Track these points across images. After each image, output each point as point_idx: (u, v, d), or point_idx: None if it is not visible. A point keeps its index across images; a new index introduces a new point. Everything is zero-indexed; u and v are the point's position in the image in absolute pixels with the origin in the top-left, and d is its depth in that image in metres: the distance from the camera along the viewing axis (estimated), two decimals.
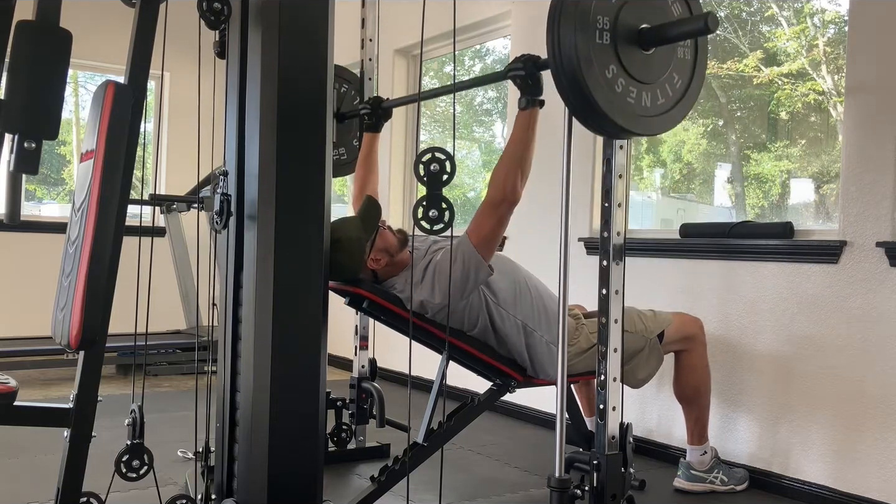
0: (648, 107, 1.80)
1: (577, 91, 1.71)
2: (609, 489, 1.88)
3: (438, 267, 2.44)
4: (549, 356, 2.53)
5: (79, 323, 1.75)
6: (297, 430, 1.99)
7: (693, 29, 1.77)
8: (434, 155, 1.80)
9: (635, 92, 1.77)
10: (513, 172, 2.27)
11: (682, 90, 1.87)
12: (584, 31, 1.69)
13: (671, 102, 1.84)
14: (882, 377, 2.64)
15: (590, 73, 1.69)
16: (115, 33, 4.90)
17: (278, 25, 1.96)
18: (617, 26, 1.74)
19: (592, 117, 1.76)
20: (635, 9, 1.77)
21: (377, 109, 2.94)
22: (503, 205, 2.30)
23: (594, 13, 1.70)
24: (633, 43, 1.76)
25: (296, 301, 1.98)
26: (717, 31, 3.61)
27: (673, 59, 1.84)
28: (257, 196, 2.00)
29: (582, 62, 1.68)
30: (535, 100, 2.18)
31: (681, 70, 1.86)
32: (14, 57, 1.74)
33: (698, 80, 1.89)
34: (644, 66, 1.79)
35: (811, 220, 3.23)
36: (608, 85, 1.72)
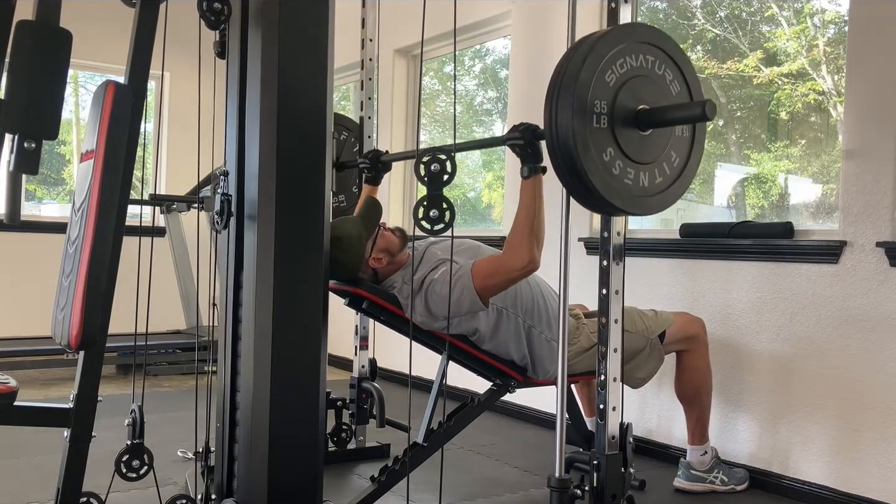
0: (646, 187, 1.77)
1: (575, 175, 1.69)
2: (609, 489, 1.88)
3: (436, 290, 2.42)
4: (549, 353, 2.53)
5: (79, 323, 1.75)
6: (297, 430, 1.99)
7: (690, 115, 1.75)
8: (434, 155, 1.80)
9: (633, 173, 1.75)
10: (528, 244, 2.26)
11: (680, 168, 1.84)
12: (582, 116, 1.66)
13: (669, 181, 1.82)
14: (882, 377, 2.64)
15: (587, 158, 1.66)
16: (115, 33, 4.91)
17: (278, 25, 1.96)
18: (615, 109, 1.71)
19: (589, 199, 1.75)
20: (633, 90, 1.74)
21: (376, 163, 2.92)
22: (519, 273, 2.32)
23: (591, 97, 1.68)
24: (631, 125, 1.73)
25: (296, 301, 1.98)
26: (717, 31, 3.62)
27: (671, 138, 1.81)
28: (257, 196, 2.00)
29: (579, 147, 1.65)
30: (537, 167, 2.17)
31: (679, 148, 1.83)
32: (14, 57, 1.74)
33: (696, 156, 1.86)
34: (642, 146, 1.76)
35: (811, 220, 3.23)
36: (605, 168, 1.70)
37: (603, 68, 1.69)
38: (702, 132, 1.88)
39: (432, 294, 2.42)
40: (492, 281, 2.36)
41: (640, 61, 1.75)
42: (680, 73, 1.83)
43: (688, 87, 1.84)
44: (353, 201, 3.27)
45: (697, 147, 1.86)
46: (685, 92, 1.84)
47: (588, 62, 1.67)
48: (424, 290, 2.44)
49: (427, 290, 2.44)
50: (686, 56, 1.85)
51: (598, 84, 1.69)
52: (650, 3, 3.88)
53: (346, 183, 3.30)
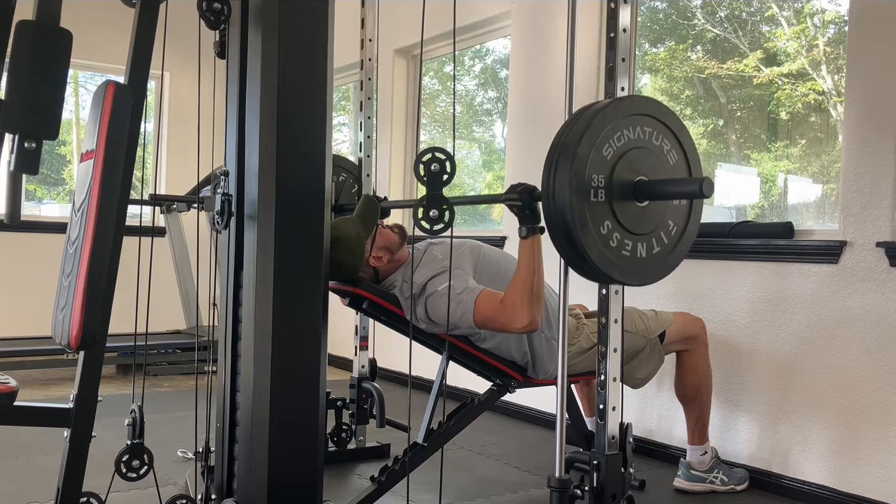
0: (644, 257, 1.77)
1: (572, 248, 1.69)
2: (609, 489, 1.88)
3: (437, 301, 2.43)
4: (549, 351, 2.53)
5: (79, 323, 1.75)
6: (297, 430, 1.99)
7: (688, 191, 1.75)
8: (434, 155, 1.80)
9: (631, 244, 1.75)
10: (528, 304, 2.27)
11: (678, 236, 1.83)
12: (579, 191, 1.66)
13: (668, 249, 1.81)
14: (882, 377, 2.64)
15: (585, 232, 1.66)
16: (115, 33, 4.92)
17: (278, 25, 1.96)
18: (612, 183, 1.71)
19: (587, 270, 1.75)
20: (630, 162, 1.73)
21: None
22: (517, 331, 2.34)
23: (589, 172, 1.67)
24: (629, 197, 1.73)
25: (296, 301, 1.98)
26: (717, 31, 3.62)
27: (668, 207, 1.81)
28: (257, 196, 2.00)
29: (577, 222, 1.65)
30: (535, 228, 2.16)
31: (676, 217, 1.83)
32: (14, 57, 1.74)
33: (694, 223, 1.86)
34: (639, 217, 1.76)
35: (811, 220, 3.23)
36: (603, 242, 1.70)
37: (600, 143, 1.69)
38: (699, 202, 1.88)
39: (433, 304, 2.43)
40: (490, 325, 2.38)
41: (637, 133, 1.75)
42: (677, 143, 1.82)
43: (685, 156, 1.84)
44: None
45: (695, 215, 1.86)
46: (682, 161, 1.84)
47: (585, 137, 1.67)
48: (425, 296, 2.44)
49: (428, 298, 2.44)
50: (683, 125, 1.84)
51: (595, 158, 1.68)
52: (650, 3, 3.88)
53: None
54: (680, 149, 1.83)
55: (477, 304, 2.36)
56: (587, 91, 3.61)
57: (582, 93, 3.57)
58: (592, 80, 3.63)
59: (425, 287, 2.45)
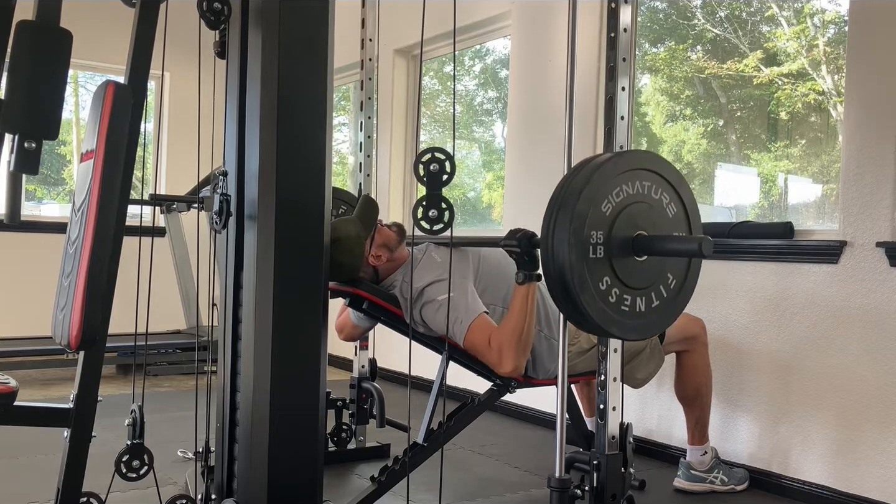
0: (643, 311, 1.77)
1: (571, 305, 1.68)
2: (609, 489, 1.88)
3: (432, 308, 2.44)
4: (549, 351, 2.53)
5: (79, 323, 1.75)
6: (297, 430, 1.99)
7: (687, 250, 1.74)
8: (434, 155, 1.80)
9: (630, 299, 1.74)
10: (515, 351, 2.30)
11: (678, 289, 1.83)
12: (579, 248, 1.65)
13: (667, 302, 1.81)
14: (882, 377, 2.64)
15: (583, 289, 1.66)
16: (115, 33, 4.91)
17: (278, 25, 1.96)
18: (611, 239, 1.70)
19: (586, 326, 1.75)
20: (629, 217, 1.73)
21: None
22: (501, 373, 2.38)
23: (588, 229, 1.67)
24: (628, 252, 1.73)
25: (296, 301, 1.98)
26: (717, 31, 3.62)
27: (667, 261, 1.81)
28: (257, 196, 2.00)
29: (576, 280, 1.64)
30: (533, 275, 2.14)
31: (675, 270, 1.83)
32: (14, 57, 1.74)
33: (693, 276, 1.86)
34: (638, 272, 1.75)
35: (811, 220, 3.23)
36: (602, 297, 1.69)
37: (599, 199, 1.68)
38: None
39: (429, 312, 2.44)
40: (476, 355, 2.42)
41: (636, 188, 1.74)
42: (677, 196, 1.82)
43: (685, 209, 1.84)
44: None
45: (694, 267, 1.86)
46: (682, 213, 1.83)
47: (584, 195, 1.66)
48: (422, 302, 2.45)
49: (424, 305, 2.45)
50: (683, 178, 1.84)
51: (594, 215, 1.68)
52: (650, 3, 3.88)
53: None
54: (679, 201, 1.82)
55: (470, 331, 2.38)
56: (587, 91, 3.60)
57: (582, 93, 3.57)
58: (592, 80, 3.63)
59: (423, 292, 2.45)
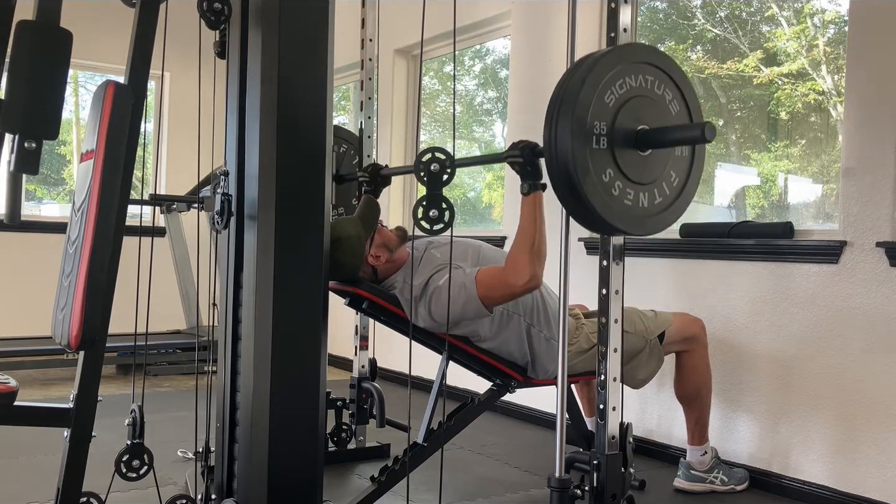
0: (646, 207, 1.77)
1: (574, 196, 1.69)
2: (609, 489, 1.88)
3: (439, 296, 2.42)
4: (549, 352, 2.53)
5: (79, 323, 1.75)
6: (297, 430, 1.99)
7: (690, 136, 1.75)
8: (434, 155, 1.80)
9: (633, 193, 1.75)
10: (529, 260, 2.27)
11: (680, 188, 1.84)
12: (581, 137, 1.66)
13: (669, 201, 1.82)
14: (882, 377, 2.64)
15: (587, 180, 1.66)
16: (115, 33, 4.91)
17: (278, 26, 1.96)
18: (614, 130, 1.70)
19: (589, 219, 1.75)
20: (632, 110, 1.73)
21: (375, 177, 2.90)
22: (521, 289, 2.32)
23: (591, 118, 1.67)
24: (631, 145, 1.73)
25: (296, 301, 1.98)
26: (717, 31, 3.62)
27: (670, 158, 1.81)
28: (257, 196, 2.00)
29: (579, 169, 1.65)
30: (537, 184, 2.17)
31: (678, 168, 1.83)
32: (14, 57, 1.74)
33: (696, 176, 1.86)
34: (641, 166, 1.76)
35: (811, 220, 3.23)
36: (605, 189, 1.70)
37: (602, 89, 1.69)
38: (701, 151, 1.88)
39: (435, 302, 2.42)
40: (494, 293, 2.37)
41: (639, 81, 1.75)
42: (679, 93, 1.82)
43: (687, 107, 1.84)
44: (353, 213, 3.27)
45: (697, 166, 1.86)
46: (684, 111, 1.84)
47: (587, 83, 1.66)
48: (428, 296, 2.44)
49: (431, 296, 2.43)
50: (685, 75, 1.84)
51: (597, 105, 1.68)
52: (650, 3, 3.88)
53: (346, 196, 3.29)
54: (682, 99, 1.83)
55: (478, 278, 2.37)
56: None
57: None
58: None
59: (426, 285, 2.45)
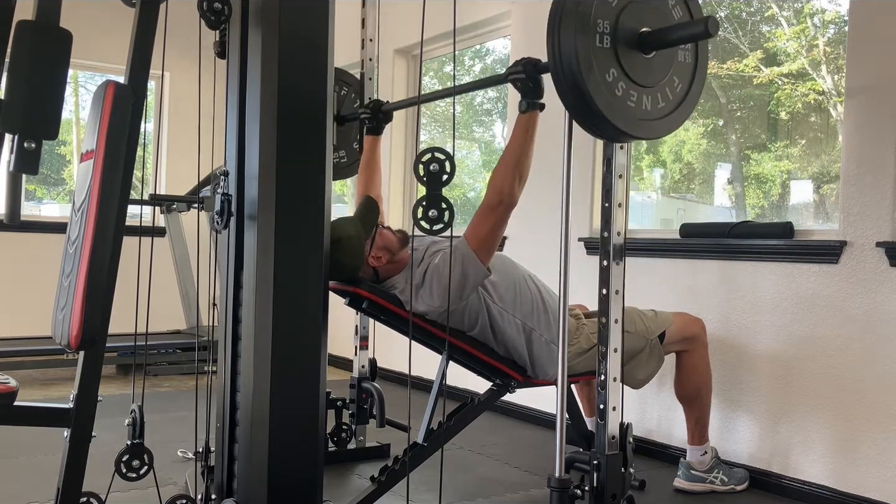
0: (649, 110, 1.79)
1: (578, 95, 1.71)
2: (609, 489, 1.88)
3: (437, 270, 2.44)
4: (548, 355, 2.52)
5: (79, 323, 1.75)
6: (297, 430, 1.99)
7: (693, 33, 1.76)
8: (434, 155, 1.80)
9: (636, 96, 1.77)
10: (510, 176, 2.26)
11: (683, 93, 1.86)
12: (585, 35, 1.68)
13: (672, 106, 1.84)
14: (882, 377, 2.64)
15: (590, 78, 1.68)
16: (115, 33, 4.92)
17: (278, 26, 1.96)
18: (617, 30, 1.73)
19: (593, 121, 1.76)
20: (636, 12, 1.76)
21: (377, 113, 2.94)
22: (500, 207, 2.30)
23: (594, 17, 1.70)
24: (634, 46, 1.76)
25: (296, 301, 1.98)
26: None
27: (674, 63, 1.83)
28: (257, 196, 2.00)
29: (582, 66, 1.67)
30: (536, 103, 2.17)
31: (681, 73, 1.86)
32: (14, 57, 1.74)
33: (699, 83, 1.89)
34: (644, 69, 1.78)
35: (811, 220, 3.23)
36: (608, 89, 1.71)
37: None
38: (704, 59, 1.90)
39: (436, 278, 2.42)
40: (481, 230, 2.33)
41: None
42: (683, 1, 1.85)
43: (689, 12, 1.86)
44: (354, 157, 3.27)
45: (700, 73, 1.88)
46: (687, 16, 1.86)
47: None
48: (427, 279, 2.44)
49: (430, 277, 2.44)
50: None
51: (600, 4, 1.71)
52: None
53: (347, 138, 3.29)
54: (684, 5, 1.85)
55: (465, 235, 2.36)
56: None
57: None
58: None
59: (425, 272, 2.46)
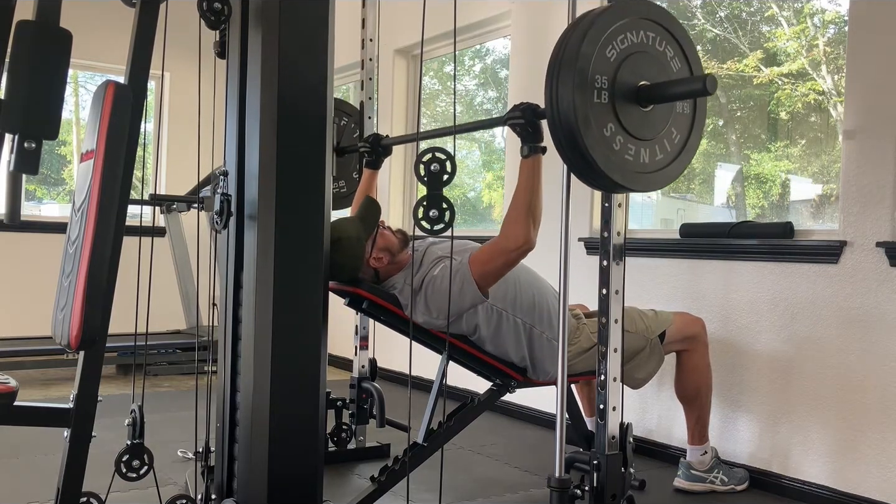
0: (647, 163, 1.77)
1: (576, 150, 1.69)
2: (609, 489, 1.88)
3: (434, 284, 2.43)
4: (550, 352, 2.52)
5: (79, 323, 1.75)
6: (297, 430, 1.99)
7: (691, 90, 1.75)
8: (434, 155, 1.81)
9: (634, 149, 1.75)
10: (525, 222, 2.25)
11: (681, 145, 1.84)
12: (583, 91, 1.66)
13: (670, 157, 1.81)
14: (882, 377, 2.64)
15: (588, 133, 1.66)
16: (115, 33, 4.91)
17: (278, 25, 1.96)
18: (615, 84, 1.71)
19: (590, 175, 1.74)
20: (634, 65, 1.74)
21: (377, 147, 2.91)
22: (515, 252, 2.30)
23: (593, 72, 1.67)
24: (632, 100, 1.73)
25: (296, 301, 1.98)
26: (717, 31, 3.62)
27: (672, 115, 1.81)
28: (257, 196, 2.00)
29: (580, 122, 1.65)
30: (537, 147, 2.15)
31: (680, 125, 1.83)
32: (14, 57, 1.74)
33: (697, 133, 1.86)
34: (643, 122, 1.76)
35: (811, 220, 3.23)
36: (606, 144, 1.69)
37: (604, 43, 1.69)
38: (702, 109, 1.88)
39: (432, 291, 2.42)
40: (489, 266, 2.34)
41: (640, 37, 1.75)
42: (681, 50, 1.83)
43: (688, 64, 1.84)
44: (354, 187, 3.26)
45: (698, 124, 1.86)
46: (686, 69, 1.84)
47: (589, 37, 1.67)
48: (424, 288, 2.44)
49: (426, 287, 2.44)
50: (686, 33, 1.85)
51: (598, 59, 1.69)
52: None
53: (347, 168, 3.29)
54: (683, 57, 1.83)
55: (470, 260, 2.36)
56: None
57: None
58: None
59: (423, 280, 2.45)
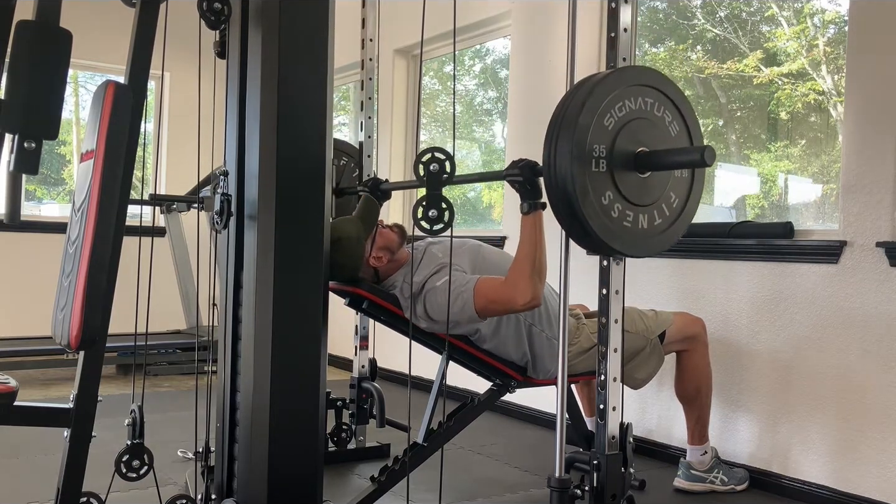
0: (645, 228, 1.77)
1: (573, 219, 1.69)
2: (609, 489, 1.87)
3: (437, 298, 2.42)
4: (550, 351, 2.53)
5: (79, 323, 1.75)
6: (297, 430, 1.99)
7: (689, 160, 1.74)
8: (434, 155, 1.80)
9: (632, 215, 1.75)
10: (530, 279, 2.25)
11: (680, 209, 1.84)
12: (581, 160, 1.66)
13: (668, 222, 1.81)
14: (882, 377, 2.64)
15: (586, 202, 1.66)
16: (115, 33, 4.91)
17: (278, 26, 1.96)
18: (613, 153, 1.70)
19: (588, 241, 1.74)
20: (632, 132, 1.74)
21: (376, 191, 2.87)
22: (520, 307, 2.31)
23: (590, 142, 1.67)
24: (630, 167, 1.73)
25: (296, 301, 1.98)
26: (717, 31, 3.62)
27: (670, 179, 1.81)
28: (257, 196, 2.00)
29: (578, 192, 1.65)
30: (537, 203, 2.15)
31: (678, 189, 1.83)
32: (14, 57, 1.74)
33: (695, 197, 1.86)
34: (641, 188, 1.76)
35: (811, 220, 3.23)
36: (604, 212, 1.70)
37: (602, 112, 1.69)
38: (701, 173, 1.88)
39: (432, 301, 2.42)
40: (492, 307, 2.36)
41: (638, 104, 1.75)
42: (679, 114, 1.82)
43: (687, 128, 1.84)
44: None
45: (697, 187, 1.86)
46: (684, 132, 1.84)
47: (587, 106, 1.67)
48: (424, 294, 2.44)
49: (426, 294, 2.43)
50: (684, 97, 1.84)
51: (596, 128, 1.69)
52: (650, 3, 3.88)
53: (345, 209, 3.29)
54: (682, 120, 1.83)
55: (476, 289, 2.35)
56: None
57: None
58: None
59: (424, 285, 2.45)
